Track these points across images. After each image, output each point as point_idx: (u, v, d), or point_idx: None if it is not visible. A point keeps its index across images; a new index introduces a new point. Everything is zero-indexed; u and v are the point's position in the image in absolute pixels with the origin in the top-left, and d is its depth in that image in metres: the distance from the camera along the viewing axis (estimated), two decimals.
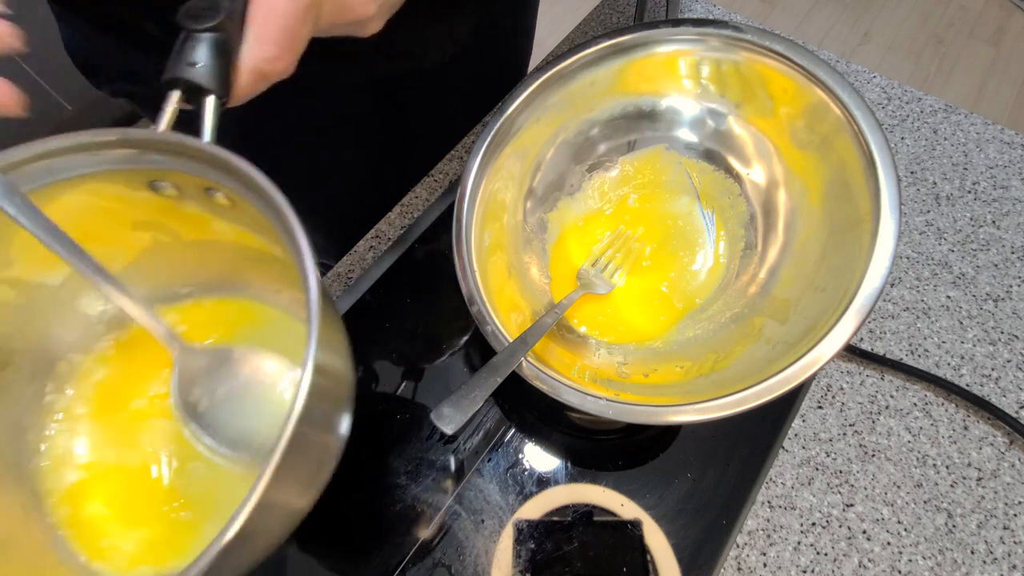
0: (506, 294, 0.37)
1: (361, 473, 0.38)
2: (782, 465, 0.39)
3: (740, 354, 0.33)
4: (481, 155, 0.38)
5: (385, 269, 0.47)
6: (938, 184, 0.50)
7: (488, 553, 0.36)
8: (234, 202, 0.25)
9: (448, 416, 0.27)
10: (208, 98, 0.22)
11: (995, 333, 0.43)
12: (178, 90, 0.23)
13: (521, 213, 0.42)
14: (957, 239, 0.48)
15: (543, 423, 0.40)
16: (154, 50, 0.40)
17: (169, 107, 0.23)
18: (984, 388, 0.41)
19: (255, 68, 0.23)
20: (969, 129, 0.53)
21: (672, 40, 0.39)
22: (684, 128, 0.42)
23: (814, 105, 0.35)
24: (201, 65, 0.22)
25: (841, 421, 0.41)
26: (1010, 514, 0.37)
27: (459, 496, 0.38)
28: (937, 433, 0.40)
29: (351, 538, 0.38)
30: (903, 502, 0.38)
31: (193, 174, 0.24)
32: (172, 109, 0.23)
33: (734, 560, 0.36)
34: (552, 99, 0.40)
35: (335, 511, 0.33)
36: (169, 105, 0.23)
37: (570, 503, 0.37)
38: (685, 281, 0.41)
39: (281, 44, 0.23)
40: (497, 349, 0.33)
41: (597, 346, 0.39)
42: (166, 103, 0.23)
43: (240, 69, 0.23)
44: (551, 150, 0.42)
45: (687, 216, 0.43)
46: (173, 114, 0.23)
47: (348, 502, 0.37)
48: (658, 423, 0.32)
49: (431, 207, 0.50)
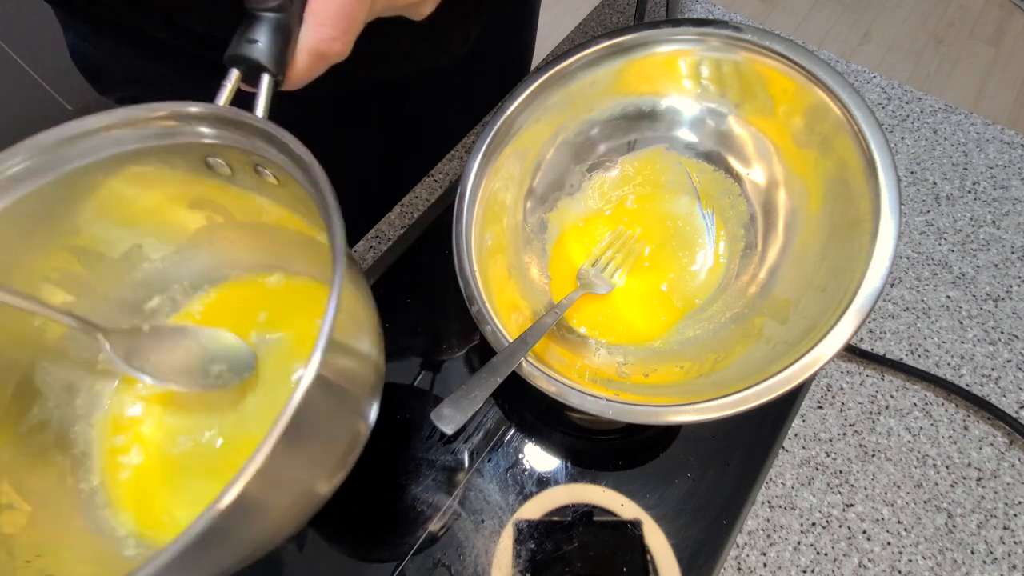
0: (506, 294, 0.37)
1: (361, 473, 0.38)
2: (782, 465, 0.39)
3: (740, 354, 0.33)
4: (481, 155, 0.38)
5: (385, 269, 0.47)
6: (938, 184, 0.50)
7: (488, 553, 0.36)
8: (281, 181, 0.26)
9: (448, 416, 0.27)
10: (264, 76, 0.23)
11: (995, 333, 0.43)
12: (237, 69, 0.24)
13: (521, 213, 0.42)
14: (957, 239, 0.48)
15: (543, 423, 0.40)
16: (167, 56, 0.40)
17: (228, 84, 0.24)
18: (984, 388, 0.41)
19: (313, 49, 0.24)
20: (969, 129, 0.53)
21: (672, 40, 0.39)
22: (684, 128, 0.42)
23: (814, 105, 0.35)
24: (260, 44, 0.23)
25: (841, 421, 0.41)
26: (1010, 514, 0.37)
27: (459, 496, 0.38)
28: (937, 433, 0.40)
29: (351, 538, 0.38)
30: (903, 502, 0.38)
31: (245, 150, 0.25)
32: (230, 86, 0.24)
33: (734, 560, 0.36)
34: (552, 99, 0.40)
35: (335, 511, 0.33)
36: (228, 82, 0.24)
37: (570, 503, 0.37)
38: (685, 281, 0.41)
39: (339, 26, 0.24)
40: (497, 349, 0.33)
41: (597, 346, 0.39)
42: (225, 80, 0.24)
43: (299, 50, 0.24)
44: (551, 150, 0.42)
45: (687, 216, 0.43)
46: (231, 91, 0.24)
47: (348, 502, 0.37)
48: (658, 423, 0.32)
49: (431, 207, 0.50)
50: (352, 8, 0.24)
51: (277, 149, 0.24)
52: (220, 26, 0.37)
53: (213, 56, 0.40)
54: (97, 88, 0.46)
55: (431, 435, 0.40)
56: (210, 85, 0.40)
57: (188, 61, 0.41)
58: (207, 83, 0.44)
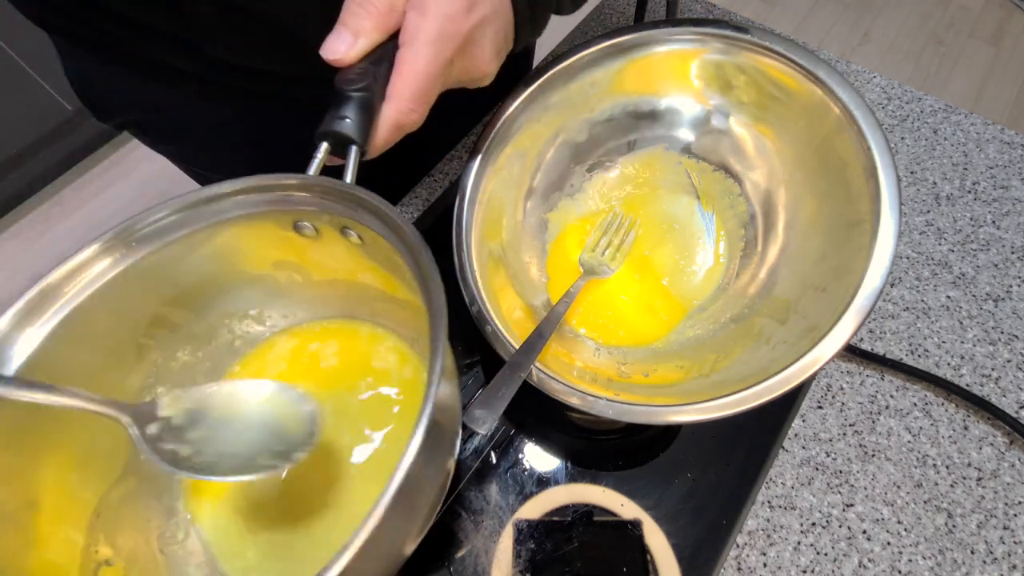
0: (506, 294, 0.37)
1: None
2: (782, 465, 0.39)
3: (740, 354, 0.33)
4: (481, 155, 0.38)
5: None
6: (938, 184, 0.50)
7: (488, 553, 0.36)
8: (365, 240, 0.28)
9: (480, 417, 0.28)
10: (352, 147, 0.26)
11: (995, 333, 0.43)
12: (327, 142, 0.26)
13: (521, 213, 0.42)
14: (957, 239, 0.48)
15: (543, 423, 0.40)
16: (176, 82, 0.41)
17: (319, 155, 0.26)
18: (984, 388, 0.41)
19: (395, 121, 0.27)
20: (969, 129, 0.53)
21: (672, 40, 0.39)
22: (684, 128, 0.42)
23: (814, 105, 0.35)
24: (349, 120, 0.26)
25: (841, 421, 0.41)
26: (1010, 514, 0.37)
27: (459, 496, 0.38)
28: (937, 433, 0.40)
29: None
30: (903, 502, 0.38)
31: (336, 213, 0.27)
32: (320, 157, 0.26)
33: (734, 560, 0.36)
34: (552, 99, 0.40)
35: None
36: (319, 154, 0.26)
37: (570, 503, 0.37)
38: (685, 281, 0.41)
39: (417, 99, 0.27)
40: (497, 349, 0.33)
41: (597, 346, 0.39)
42: (316, 152, 0.26)
43: (380, 123, 0.27)
44: (551, 150, 0.42)
45: (687, 216, 0.43)
46: (321, 162, 0.27)
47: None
48: (658, 423, 0.32)
49: (431, 207, 0.50)
50: (429, 86, 0.27)
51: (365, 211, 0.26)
52: (252, 55, 0.38)
53: (232, 83, 0.41)
54: (98, 116, 0.46)
55: None
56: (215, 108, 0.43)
57: (192, 85, 0.41)
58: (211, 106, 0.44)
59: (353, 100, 0.26)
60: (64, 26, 0.38)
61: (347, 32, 0.26)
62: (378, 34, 0.27)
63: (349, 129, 0.26)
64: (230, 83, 0.40)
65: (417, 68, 0.26)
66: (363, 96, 0.26)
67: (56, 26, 0.39)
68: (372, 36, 0.26)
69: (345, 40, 0.26)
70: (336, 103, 0.26)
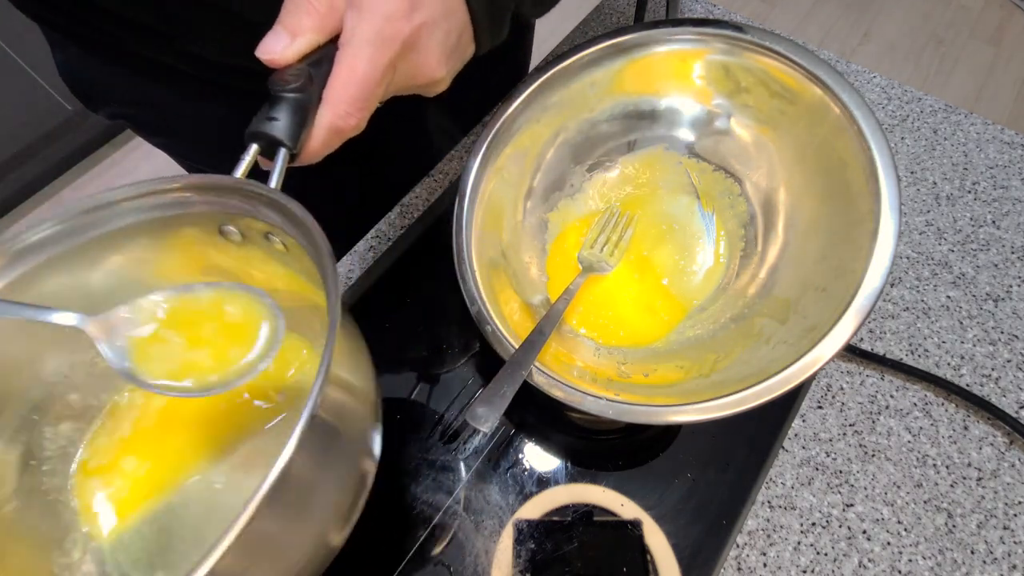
0: (506, 294, 0.37)
1: None
2: (782, 465, 0.39)
3: (740, 354, 0.33)
4: (481, 155, 0.38)
5: (385, 269, 0.47)
6: (938, 184, 0.50)
7: (488, 553, 0.36)
8: (288, 248, 0.27)
9: (483, 415, 0.28)
10: (280, 150, 0.25)
11: (995, 333, 0.43)
12: (257, 144, 0.25)
13: (521, 213, 0.42)
14: (957, 239, 0.48)
15: (543, 423, 0.40)
16: (162, 77, 0.40)
17: (247, 157, 0.26)
18: (984, 388, 0.41)
19: (330, 125, 0.26)
20: (969, 129, 0.53)
21: (672, 40, 0.39)
22: (684, 128, 0.42)
23: (814, 105, 0.35)
24: (280, 122, 0.25)
25: (841, 421, 0.41)
26: (1010, 514, 0.37)
27: (459, 496, 0.38)
28: (937, 433, 0.40)
29: (351, 538, 0.37)
30: (903, 502, 0.38)
31: (258, 218, 0.26)
32: (248, 159, 0.26)
33: (734, 560, 0.36)
34: (552, 99, 0.40)
35: None
36: (247, 156, 0.26)
37: (570, 503, 0.37)
38: (685, 281, 0.41)
39: (355, 103, 0.26)
40: (497, 349, 0.33)
41: (597, 347, 0.39)
42: (245, 154, 0.26)
43: (315, 127, 0.26)
44: (551, 150, 0.42)
45: (687, 216, 0.43)
46: (249, 164, 0.26)
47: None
48: (658, 423, 0.32)
49: (431, 207, 0.50)
50: (368, 90, 0.26)
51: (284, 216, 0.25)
52: (231, 53, 0.38)
53: (221, 80, 0.40)
54: (88, 106, 0.46)
55: (431, 435, 0.40)
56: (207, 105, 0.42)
57: (185, 82, 0.41)
58: (203, 103, 0.44)
59: (285, 101, 0.25)
60: (57, 20, 0.38)
61: (284, 31, 0.25)
62: (317, 34, 0.25)
63: (278, 131, 0.25)
64: (217, 80, 0.40)
65: (355, 69, 0.25)
66: (297, 98, 0.25)
67: (50, 20, 0.39)
68: (310, 36, 0.25)
69: (282, 39, 0.25)
70: (268, 104, 0.25)
